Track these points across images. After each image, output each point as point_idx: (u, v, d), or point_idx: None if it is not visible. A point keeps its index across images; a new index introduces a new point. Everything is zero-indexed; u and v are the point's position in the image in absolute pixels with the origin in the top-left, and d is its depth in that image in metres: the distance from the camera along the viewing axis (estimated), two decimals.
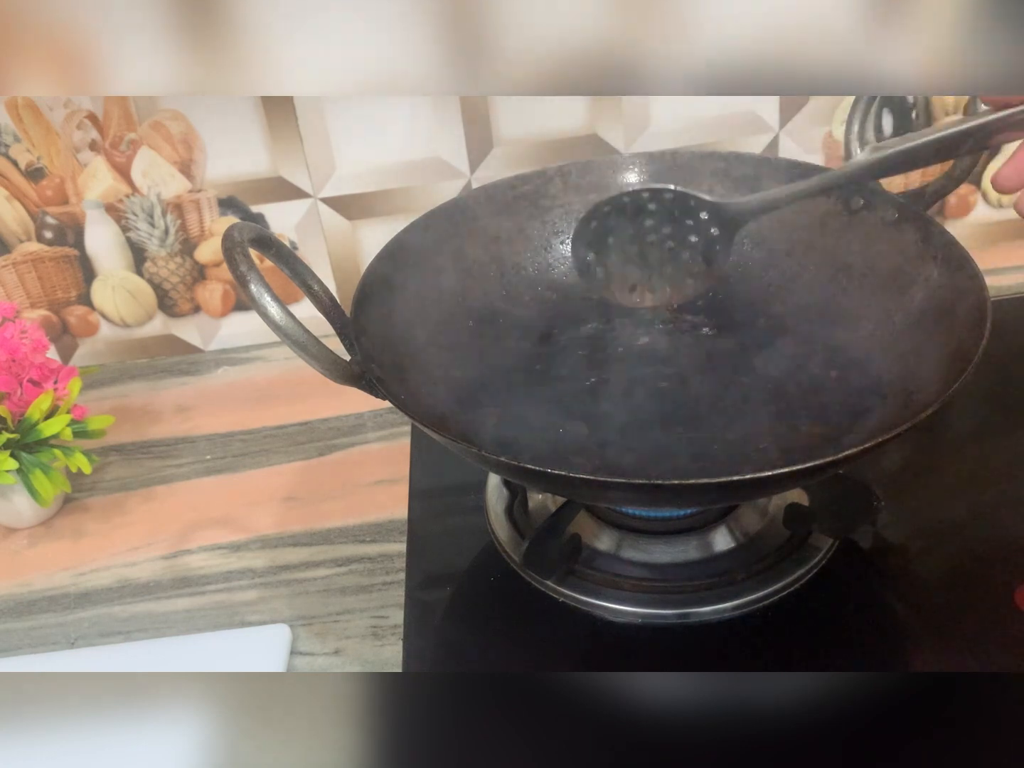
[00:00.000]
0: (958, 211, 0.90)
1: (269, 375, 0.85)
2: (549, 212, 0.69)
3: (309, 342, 0.48)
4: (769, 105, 0.82)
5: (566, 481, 0.47)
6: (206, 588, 0.64)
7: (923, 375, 0.52)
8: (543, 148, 0.82)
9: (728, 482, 0.45)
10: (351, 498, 0.71)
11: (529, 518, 0.62)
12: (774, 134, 0.83)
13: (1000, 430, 0.68)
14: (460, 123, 0.80)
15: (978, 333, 0.49)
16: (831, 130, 0.84)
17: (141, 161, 0.80)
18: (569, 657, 0.55)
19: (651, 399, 0.60)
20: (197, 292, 0.87)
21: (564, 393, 0.62)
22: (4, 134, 0.78)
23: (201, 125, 0.79)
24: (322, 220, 0.84)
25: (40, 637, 0.63)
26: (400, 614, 0.59)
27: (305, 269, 0.55)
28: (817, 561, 0.58)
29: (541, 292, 0.69)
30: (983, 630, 0.54)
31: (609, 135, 0.82)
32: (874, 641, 0.54)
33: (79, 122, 0.78)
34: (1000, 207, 0.90)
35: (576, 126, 0.81)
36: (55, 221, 0.82)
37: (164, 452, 0.78)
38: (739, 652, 0.54)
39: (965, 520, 0.61)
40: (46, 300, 0.86)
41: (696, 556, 0.58)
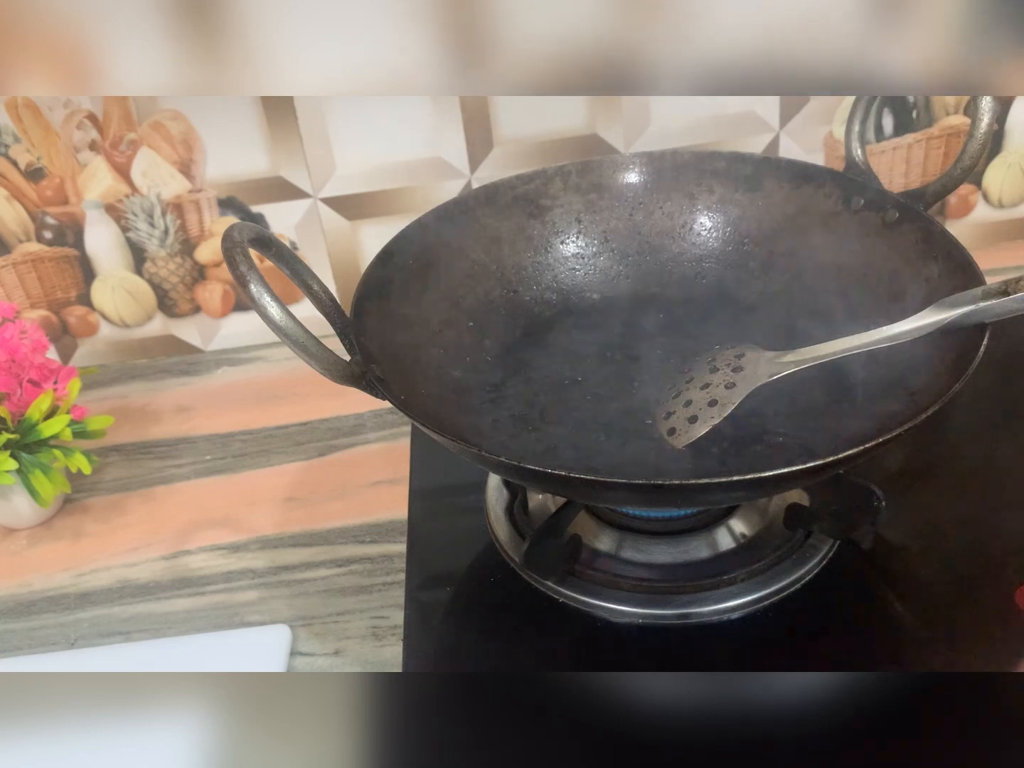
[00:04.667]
0: (958, 211, 0.90)
1: (269, 375, 0.85)
2: (549, 212, 0.69)
3: (309, 342, 0.48)
4: (769, 105, 0.82)
5: (566, 481, 0.47)
6: (206, 588, 0.64)
7: (923, 375, 0.52)
8: (543, 148, 0.82)
9: (728, 482, 0.45)
10: (351, 498, 0.71)
11: (529, 518, 0.62)
12: (774, 134, 0.83)
13: (1000, 430, 0.68)
14: (460, 123, 0.80)
15: (978, 333, 0.49)
16: (831, 130, 0.84)
17: (141, 161, 0.80)
18: (569, 657, 0.55)
19: (651, 399, 0.60)
20: (197, 292, 0.87)
21: (564, 393, 0.62)
22: (4, 134, 0.78)
23: (201, 125, 0.79)
24: (322, 220, 0.84)
25: (40, 637, 0.63)
26: (400, 614, 0.59)
27: (305, 269, 0.55)
28: (817, 561, 0.58)
29: (541, 292, 0.69)
30: (983, 630, 0.54)
31: (609, 135, 0.82)
32: (874, 641, 0.54)
33: (79, 122, 0.78)
34: (1000, 207, 0.90)
35: (576, 126, 0.81)
36: (55, 221, 0.82)
37: (164, 452, 0.78)
38: (739, 652, 0.54)
39: (965, 520, 0.61)
40: (46, 300, 0.86)
41: (696, 556, 0.58)
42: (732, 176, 0.68)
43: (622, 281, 0.70)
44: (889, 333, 0.51)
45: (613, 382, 0.62)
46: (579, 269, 0.70)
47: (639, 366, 0.63)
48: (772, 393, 0.55)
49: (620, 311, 0.68)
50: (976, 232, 0.91)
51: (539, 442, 0.58)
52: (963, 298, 0.49)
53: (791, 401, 0.58)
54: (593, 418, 0.60)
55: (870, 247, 0.62)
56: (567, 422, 0.60)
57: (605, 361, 0.64)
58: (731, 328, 0.64)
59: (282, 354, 0.86)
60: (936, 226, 0.58)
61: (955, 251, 0.56)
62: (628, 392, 0.61)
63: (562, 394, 0.62)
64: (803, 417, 0.57)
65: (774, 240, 0.67)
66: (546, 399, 0.62)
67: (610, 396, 0.61)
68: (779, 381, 0.53)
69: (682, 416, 0.54)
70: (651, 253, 0.70)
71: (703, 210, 0.69)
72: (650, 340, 0.65)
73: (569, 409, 0.61)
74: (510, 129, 0.81)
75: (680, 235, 0.70)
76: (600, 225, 0.70)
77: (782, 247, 0.66)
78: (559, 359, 0.65)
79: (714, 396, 0.54)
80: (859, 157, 0.64)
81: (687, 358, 0.60)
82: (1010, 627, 0.53)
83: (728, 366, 0.55)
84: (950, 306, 0.49)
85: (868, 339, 0.51)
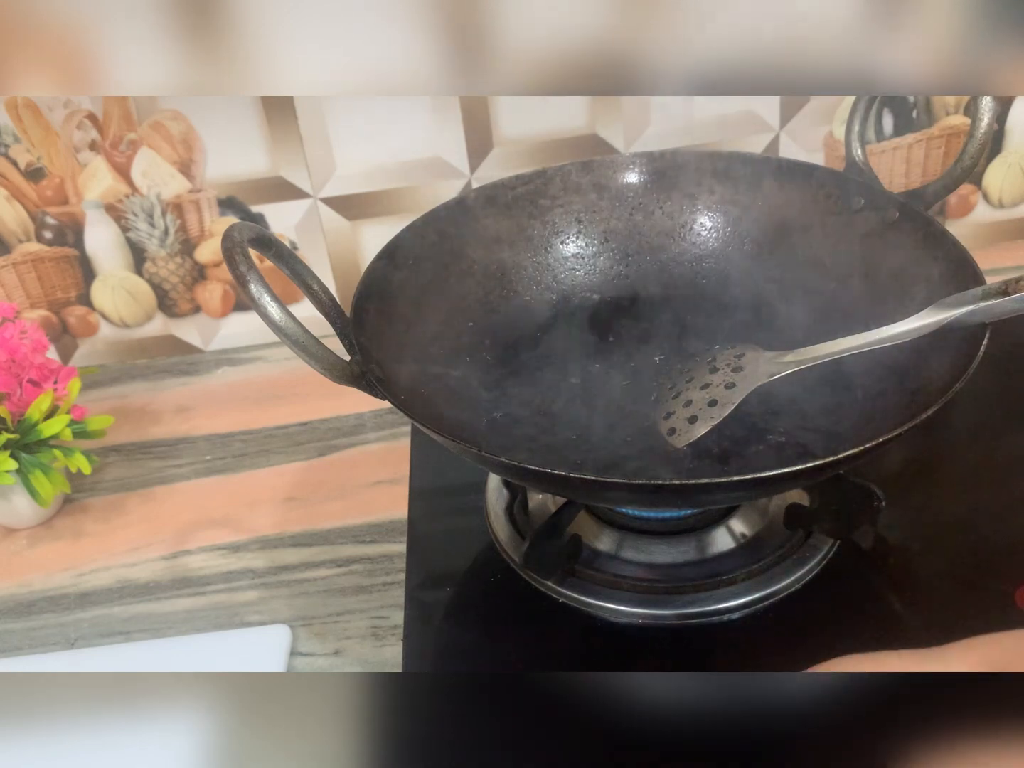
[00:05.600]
0: (958, 211, 0.90)
1: (269, 375, 0.85)
2: (549, 212, 0.69)
3: (309, 342, 0.48)
4: (769, 105, 0.82)
5: (566, 481, 0.47)
6: (206, 588, 0.64)
7: (924, 375, 0.52)
8: (543, 148, 0.82)
9: (728, 482, 0.45)
10: (351, 498, 0.71)
11: (529, 518, 0.62)
12: (774, 134, 0.83)
13: (1000, 430, 0.68)
14: (460, 123, 0.80)
15: (979, 333, 0.49)
16: (831, 130, 0.84)
17: (141, 161, 0.80)
18: (569, 657, 0.55)
19: (651, 399, 0.60)
20: (197, 292, 0.87)
21: (564, 393, 0.62)
22: (4, 134, 0.78)
23: (201, 125, 0.79)
24: (322, 220, 0.84)
25: (40, 637, 0.63)
26: (400, 614, 0.59)
27: (305, 269, 0.55)
28: (817, 561, 0.58)
29: (541, 292, 0.69)
30: (983, 630, 0.53)
31: (609, 135, 0.82)
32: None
33: (79, 122, 0.78)
34: (1000, 207, 0.90)
35: (576, 126, 0.81)
36: (55, 221, 0.82)
37: (164, 452, 0.78)
38: (739, 652, 0.54)
39: (965, 520, 0.61)
40: (46, 300, 0.86)
41: (696, 556, 0.58)
42: (732, 176, 0.68)
43: (622, 281, 0.70)
44: (889, 333, 0.51)
45: (613, 382, 0.62)
46: (579, 269, 0.70)
47: (639, 366, 0.63)
48: (772, 393, 0.55)
49: (620, 311, 0.68)
50: (976, 232, 0.91)
51: (539, 442, 0.58)
52: (963, 298, 0.49)
53: (791, 401, 0.58)
54: (593, 418, 0.60)
55: (870, 247, 0.62)
56: (567, 422, 0.60)
57: (605, 361, 0.64)
58: (731, 328, 0.64)
59: (282, 354, 0.86)
60: (936, 226, 0.58)
61: (955, 251, 0.56)
62: (628, 392, 0.61)
63: (562, 394, 0.62)
64: (803, 417, 0.57)
65: (774, 240, 0.67)
66: (546, 399, 0.62)
67: (610, 396, 0.61)
68: (779, 381, 0.53)
69: (682, 416, 0.54)
70: (651, 253, 0.70)
71: (703, 210, 0.69)
72: (650, 340, 0.65)
73: (569, 409, 0.61)
74: (510, 129, 0.81)
75: (680, 235, 0.70)
76: (600, 225, 0.70)
77: (782, 247, 0.66)
78: (559, 359, 0.65)
79: (714, 396, 0.54)
80: (859, 157, 0.64)
81: (687, 358, 0.60)
82: (1010, 627, 0.53)
83: (728, 366, 0.55)
84: (950, 306, 0.49)
85: (868, 339, 0.51)
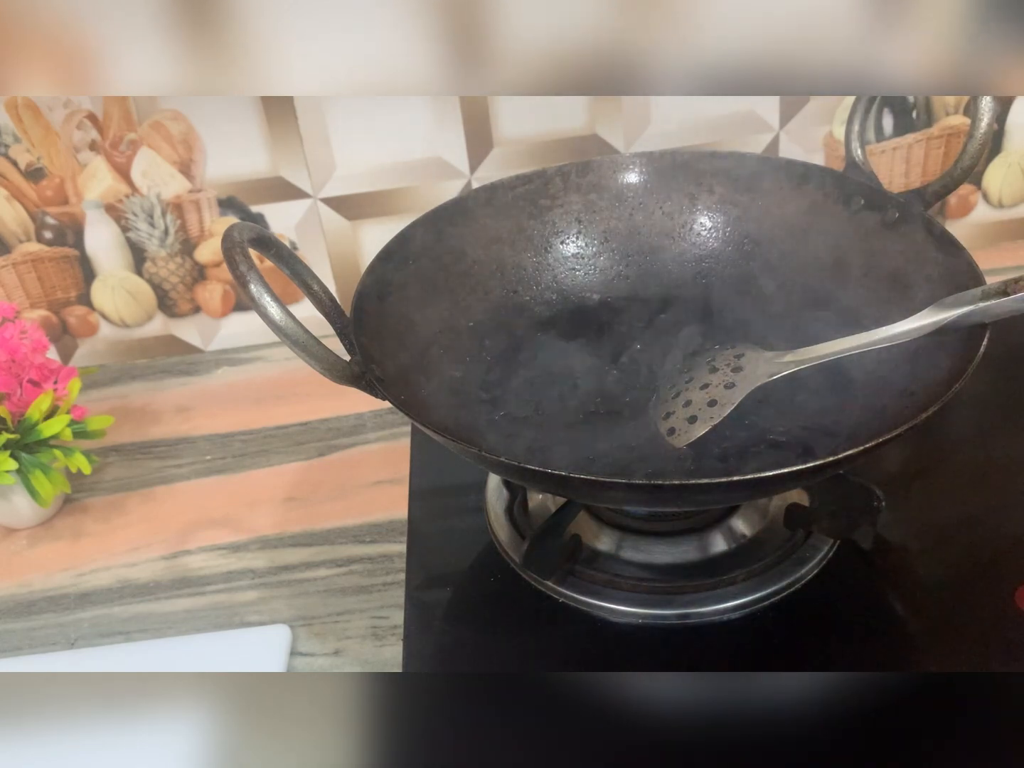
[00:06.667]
0: (958, 211, 0.90)
1: (269, 375, 0.85)
2: (549, 212, 0.69)
3: (309, 342, 0.48)
4: (769, 105, 0.82)
5: (566, 481, 0.47)
6: (206, 588, 0.64)
7: (923, 375, 0.52)
8: (543, 148, 0.82)
9: (728, 482, 0.45)
10: (351, 498, 0.71)
11: (529, 518, 0.62)
12: (774, 134, 0.83)
13: (1000, 430, 0.68)
14: (460, 123, 0.80)
15: (978, 333, 0.49)
16: (831, 130, 0.84)
17: (141, 161, 0.80)
18: (569, 657, 0.55)
19: (651, 399, 0.60)
20: (197, 292, 0.87)
21: (565, 393, 0.62)
22: (4, 134, 0.78)
23: (201, 125, 0.79)
24: (322, 220, 0.84)
25: (40, 637, 0.63)
26: (400, 614, 0.59)
27: (305, 269, 0.55)
28: (817, 561, 0.58)
29: (541, 292, 0.69)
30: (983, 630, 0.54)
31: (609, 135, 0.82)
32: (874, 641, 0.54)
33: (79, 122, 0.78)
34: (1000, 207, 0.90)
35: (576, 126, 0.81)
36: (55, 221, 0.82)
37: (164, 452, 0.78)
38: (739, 652, 0.54)
39: (965, 520, 0.61)
40: (46, 300, 0.86)
41: (696, 557, 0.58)
42: (732, 176, 0.68)
43: (622, 281, 0.70)
44: (889, 333, 0.51)
45: (613, 382, 0.62)
46: (579, 269, 0.70)
47: (639, 366, 0.63)
48: (772, 393, 0.55)
49: (620, 311, 0.68)
50: (976, 232, 0.91)
51: (539, 442, 0.58)
52: (963, 298, 0.49)
53: (791, 401, 0.58)
54: (593, 418, 0.60)
55: (870, 247, 0.62)
56: (567, 422, 0.60)
57: (605, 361, 0.64)
58: (731, 328, 0.64)
59: (282, 354, 0.86)
60: (936, 226, 0.58)
61: (955, 251, 0.56)
62: (628, 392, 0.61)
63: (562, 394, 0.62)
64: (803, 417, 0.57)
65: (774, 240, 0.67)
66: (546, 399, 0.62)
67: (610, 396, 0.61)
68: (779, 381, 0.53)
69: (682, 416, 0.54)
70: (651, 253, 0.70)
71: (703, 210, 0.69)
72: (650, 340, 0.65)
73: (569, 409, 0.61)
74: (510, 129, 0.81)
75: (680, 235, 0.70)
76: (600, 225, 0.70)
77: (782, 247, 0.66)
78: (559, 359, 0.64)
79: (714, 396, 0.54)
80: (859, 157, 0.64)
81: (687, 358, 0.60)
82: (1009, 627, 0.53)
83: (728, 366, 0.55)
84: (950, 306, 0.49)
85: (868, 339, 0.51)
